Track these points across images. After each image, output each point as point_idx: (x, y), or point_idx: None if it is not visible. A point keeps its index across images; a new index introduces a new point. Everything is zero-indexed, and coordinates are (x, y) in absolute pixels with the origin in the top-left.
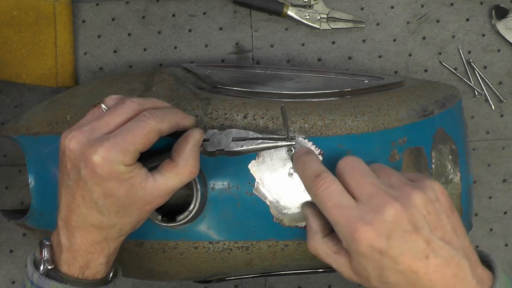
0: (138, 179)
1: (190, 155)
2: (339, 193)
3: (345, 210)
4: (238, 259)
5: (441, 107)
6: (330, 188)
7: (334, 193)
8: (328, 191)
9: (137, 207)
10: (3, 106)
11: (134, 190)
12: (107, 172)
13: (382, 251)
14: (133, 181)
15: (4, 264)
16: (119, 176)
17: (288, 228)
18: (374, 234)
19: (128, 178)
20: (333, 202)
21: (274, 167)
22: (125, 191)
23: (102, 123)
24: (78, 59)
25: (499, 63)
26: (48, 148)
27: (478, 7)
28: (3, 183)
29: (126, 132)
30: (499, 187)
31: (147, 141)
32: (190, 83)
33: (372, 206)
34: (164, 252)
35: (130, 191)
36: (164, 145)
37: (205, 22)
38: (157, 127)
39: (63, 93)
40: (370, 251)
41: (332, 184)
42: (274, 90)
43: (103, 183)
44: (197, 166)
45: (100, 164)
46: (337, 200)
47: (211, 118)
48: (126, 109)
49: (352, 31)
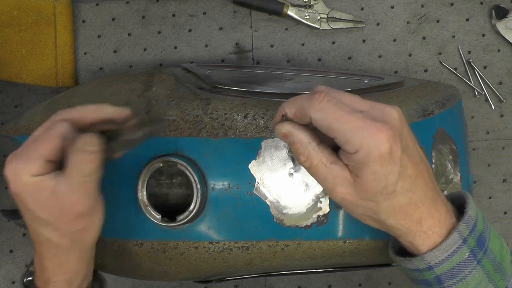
0: (49, 188)
1: (75, 159)
2: (344, 103)
3: (358, 115)
4: (238, 259)
5: (441, 107)
6: (334, 99)
7: (340, 103)
8: (334, 101)
9: (61, 218)
10: (3, 106)
11: (49, 200)
12: (19, 186)
13: (397, 153)
14: (44, 190)
15: (4, 264)
16: (28, 187)
17: (288, 228)
18: (392, 134)
19: (39, 189)
20: (344, 110)
21: (275, 167)
22: (40, 203)
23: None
24: (78, 59)
25: (499, 63)
26: None
27: (478, 7)
28: (3, 183)
29: (30, 142)
30: (499, 187)
31: (51, 146)
32: (190, 83)
33: (378, 111)
34: (164, 252)
35: (47, 202)
36: None
37: (205, 22)
38: (61, 131)
39: (63, 93)
40: (390, 152)
41: (332, 96)
42: (274, 90)
43: (20, 198)
44: (87, 170)
45: (11, 179)
46: (347, 108)
47: (212, 118)
48: (45, 126)
49: (352, 31)
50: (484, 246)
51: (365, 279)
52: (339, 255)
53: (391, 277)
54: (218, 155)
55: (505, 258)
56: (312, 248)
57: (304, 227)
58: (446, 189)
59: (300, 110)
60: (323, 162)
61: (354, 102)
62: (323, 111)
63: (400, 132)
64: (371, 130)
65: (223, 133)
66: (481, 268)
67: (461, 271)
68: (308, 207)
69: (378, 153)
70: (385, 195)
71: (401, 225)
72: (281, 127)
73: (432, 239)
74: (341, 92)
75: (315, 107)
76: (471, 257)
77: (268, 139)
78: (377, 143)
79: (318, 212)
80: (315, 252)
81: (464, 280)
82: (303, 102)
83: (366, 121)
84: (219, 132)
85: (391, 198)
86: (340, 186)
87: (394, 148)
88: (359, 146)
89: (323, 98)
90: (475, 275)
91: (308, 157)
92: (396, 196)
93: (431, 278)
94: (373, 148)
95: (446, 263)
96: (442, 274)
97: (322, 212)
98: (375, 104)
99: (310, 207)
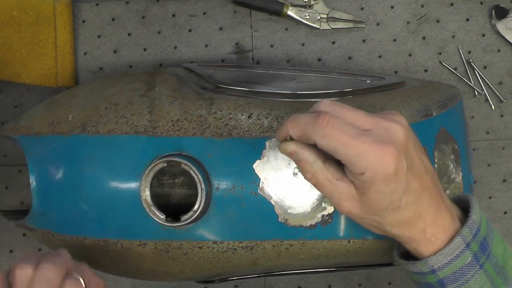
0: None
1: None
2: (349, 125)
3: (363, 138)
4: (242, 259)
5: (443, 107)
6: (337, 122)
7: (345, 126)
8: (338, 126)
9: None
10: (3, 106)
11: None
12: None
13: (403, 171)
14: None
15: (4, 264)
16: None
17: (292, 227)
18: (397, 155)
19: None
20: (348, 134)
21: (279, 167)
22: None
23: None
24: (78, 59)
25: (499, 63)
26: (49, 148)
27: (478, 7)
28: (3, 183)
29: None
30: (499, 187)
31: None
32: (193, 83)
33: (382, 130)
34: (167, 252)
35: None
36: None
37: (205, 22)
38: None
39: (64, 93)
40: (395, 172)
41: (337, 118)
42: (277, 90)
43: None
44: None
45: None
46: (351, 132)
47: (215, 118)
48: None
49: (352, 31)
50: (487, 251)
51: (365, 279)
52: (343, 254)
53: (391, 277)
54: (222, 155)
55: (508, 262)
56: (316, 247)
57: (309, 226)
58: (448, 188)
59: (304, 134)
60: (329, 179)
61: (358, 120)
62: (328, 137)
63: (406, 149)
64: (376, 154)
65: (227, 133)
66: (483, 272)
67: (463, 275)
68: (313, 207)
69: (384, 175)
70: (390, 210)
71: (405, 234)
72: (286, 147)
73: (436, 246)
74: (345, 109)
75: (319, 134)
76: (474, 261)
77: (272, 139)
78: (383, 166)
79: (322, 211)
80: (320, 251)
81: (467, 284)
82: (307, 127)
83: (371, 145)
84: (223, 132)
85: (395, 213)
86: (346, 201)
87: (399, 167)
88: (365, 169)
89: (327, 123)
90: (477, 279)
91: (314, 175)
92: (400, 210)
93: (434, 281)
94: (379, 171)
95: (449, 266)
96: (445, 277)
97: (327, 212)
98: (379, 121)
99: (314, 206)
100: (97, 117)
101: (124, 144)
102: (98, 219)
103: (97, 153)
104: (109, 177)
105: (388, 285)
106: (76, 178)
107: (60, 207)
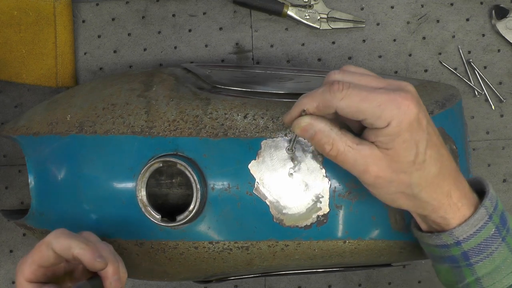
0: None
1: None
2: (363, 84)
3: (380, 91)
4: (238, 259)
5: (441, 107)
6: (353, 84)
7: (359, 86)
8: (355, 85)
9: None
10: (3, 106)
11: None
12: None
13: (424, 119)
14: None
15: (4, 264)
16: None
17: (288, 228)
18: (416, 101)
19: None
20: (365, 91)
21: (274, 167)
22: None
23: None
24: (78, 59)
25: (499, 63)
26: (48, 148)
27: (478, 7)
28: (3, 183)
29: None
30: (499, 187)
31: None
32: (190, 83)
33: (395, 85)
34: (164, 252)
35: None
36: None
37: (205, 22)
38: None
39: (63, 93)
40: (417, 118)
41: (350, 82)
42: (274, 90)
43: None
44: None
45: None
46: (368, 88)
47: (211, 118)
48: None
49: (352, 31)
50: (506, 224)
51: (365, 279)
52: (339, 255)
53: (391, 277)
54: (218, 155)
55: None
56: (312, 248)
57: (304, 227)
58: None
59: (323, 102)
60: (349, 145)
61: (371, 82)
62: (347, 98)
63: (420, 102)
64: (398, 100)
65: (223, 133)
66: (506, 245)
67: (488, 247)
68: (308, 207)
69: (408, 121)
70: (417, 164)
71: (433, 198)
72: (301, 121)
73: (462, 212)
74: (356, 75)
75: (338, 97)
76: (497, 234)
77: (268, 139)
78: (406, 110)
79: (318, 212)
80: (315, 252)
81: (491, 256)
82: (324, 95)
83: (390, 94)
84: (219, 132)
85: (422, 169)
86: (372, 164)
87: (420, 115)
88: (390, 117)
89: (343, 86)
90: (501, 251)
91: (333, 145)
92: (426, 166)
93: (458, 254)
94: (403, 117)
95: (474, 238)
96: (469, 250)
97: (322, 212)
98: (390, 81)
99: (310, 207)
100: (95, 117)
101: (120, 144)
102: (95, 218)
103: (94, 153)
104: (106, 177)
105: (388, 285)
106: (73, 178)
107: (58, 207)
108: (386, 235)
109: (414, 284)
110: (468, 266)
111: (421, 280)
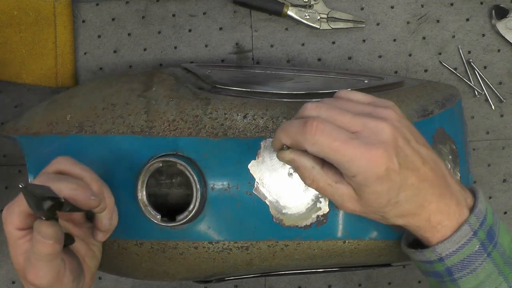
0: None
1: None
2: (337, 129)
3: (352, 143)
4: (238, 259)
5: (441, 107)
6: (327, 128)
7: (333, 132)
8: (327, 132)
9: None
10: (3, 106)
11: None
12: (6, 231)
13: (395, 169)
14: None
15: (4, 264)
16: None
17: (287, 228)
18: (387, 155)
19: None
20: (339, 140)
21: (274, 167)
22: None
23: None
24: (78, 59)
25: (499, 63)
26: (48, 148)
27: (478, 7)
28: (3, 183)
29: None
30: (499, 187)
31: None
32: (190, 83)
33: (370, 131)
34: (164, 252)
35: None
36: None
37: (205, 22)
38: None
39: (63, 93)
40: (387, 173)
41: (324, 123)
42: (274, 90)
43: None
44: (42, 253)
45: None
46: (341, 137)
47: (211, 118)
48: None
49: (352, 31)
50: (494, 239)
51: (365, 279)
52: (339, 255)
53: (391, 277)
54: (218, 155)
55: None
56: (311, 248)
57: (304, 227)
58: None
59: (295, 142)
60: (329, 183)
61: (346, 123)
62: (318, 145)
63: (396, 147)
64: (366, 157)
65: (222, 133)
66: (491, 261)
67: (471, 263)
68: (308, 207)
69: (375, 176)
70: (390, 206)
71: (411, 223)
72: (284, 156)
73: (442, 233)
74: (331, 111)
75: (309, 142)
76: (481, 250)
77: (267, 139)
78: (373, 168)
79: (317, 212)
80: (315, 252)
81: (475, 272)
82: (297, 136)
83: (360, 149)
84: (219, 132)
85: (396, 208)
86: (348, 202)
87: (390, 167)
88: (356, 172)
89: (316, 129)
90: (485, 267)
91: (314, 181)
92: (401, 205)
93: (441, 269)
94: (370, 173)
95: (457, 254)
96: (452, 265)
97: (322, 212)
98: (367, 122)
99: (309, 207)
100: (95, 117)
101: (120, 144)
102: None
103: (94, 153)
104: (105, 177)
105: (388, 285)
106: None
107: None
108: (386, 235)
109: (414, 284)
110: (452, 281)
111: (421, 280)
